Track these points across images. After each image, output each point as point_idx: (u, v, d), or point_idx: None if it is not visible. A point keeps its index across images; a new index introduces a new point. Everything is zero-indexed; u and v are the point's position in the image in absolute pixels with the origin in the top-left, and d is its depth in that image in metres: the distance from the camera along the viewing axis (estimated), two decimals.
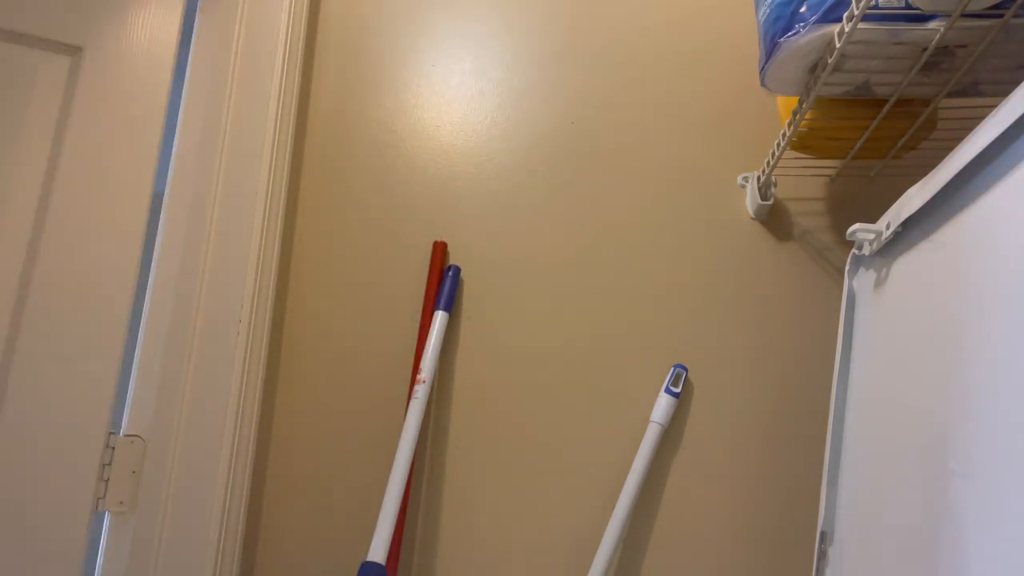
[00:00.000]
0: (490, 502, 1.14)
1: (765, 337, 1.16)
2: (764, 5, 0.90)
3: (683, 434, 1.14)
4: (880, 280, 0.89)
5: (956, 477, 0.63)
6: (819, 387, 1.04)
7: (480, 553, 1.13)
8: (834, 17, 0.82)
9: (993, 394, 0.59)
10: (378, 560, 1.02)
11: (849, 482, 0.90)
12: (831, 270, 1.17)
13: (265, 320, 1.19)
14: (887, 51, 0.84)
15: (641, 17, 1.31)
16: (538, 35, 1.32)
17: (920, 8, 0.79)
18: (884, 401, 0.84)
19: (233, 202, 1.21)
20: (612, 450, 1.13)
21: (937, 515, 0.65)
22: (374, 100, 1.31)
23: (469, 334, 1.20)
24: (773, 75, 0.93)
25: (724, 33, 1.27)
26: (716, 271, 1.19)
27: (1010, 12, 0.77)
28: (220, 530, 1.10)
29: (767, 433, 1.13)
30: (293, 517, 1.16)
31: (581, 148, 1.26)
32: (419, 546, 1.13)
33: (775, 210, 1.20)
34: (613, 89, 1.28)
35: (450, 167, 1.27)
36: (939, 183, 0.73)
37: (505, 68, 1.32)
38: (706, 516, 1.11)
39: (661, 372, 1.15)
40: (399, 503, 1.07)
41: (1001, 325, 0.60)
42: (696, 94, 1.26)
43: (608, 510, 1.08)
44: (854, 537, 0.87)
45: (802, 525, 1.05)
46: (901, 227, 0.82)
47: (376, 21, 1.36)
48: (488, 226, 1.24)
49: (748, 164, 1.20)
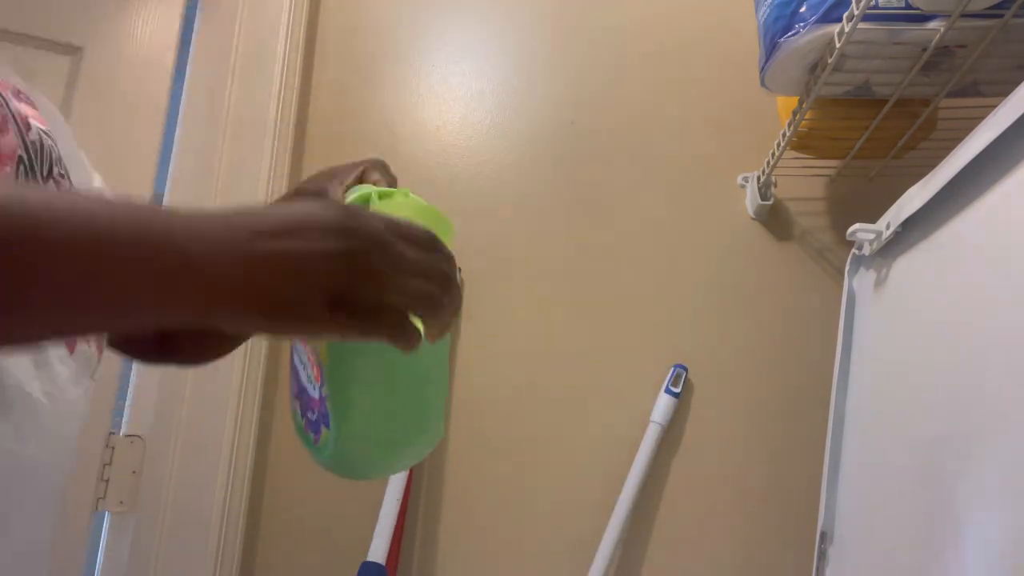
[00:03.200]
0: (490, 502, 1.14)
1: (765, 337, 1.16)
2: (764, 5, 0.90)
3: (683, 434, 1.14)
4: (880, 280, 0.89)
5: (956, 477, 0.63)
6: (819, 387, 1.04)
7: (480, 553, 1.13)
8: (834, 17, 0.82)
9: (993, 394, 0.59)
10: (378, 560, 1.02)
11: (849, 482, 0.90)
12: (831, 270, 1.17)
13: None
14: (887, 51, 0.84)
15: (641, 17, 1.31)
16: (538, 35, 1.32)
17: (920, 8, 0.79)
18: (884, 401, 0.84)
19: (233, 202, 1.21)
20: (612, 450, 1.13)
21: (937, 515, 0.65)
22: (374, 100, 1.31)
23: (469, 334, 1.20)
24: (773, 75, 0.93)
25: (724, 33, 1.27)
26: (716, 271, 1.19)
27: (1010, 12, 0.77)
28: (220, 530, 1.09)
29: (767, 433, 1.13)
30: (293, 517, 1.16)
31: (581, 148, 1.26)
32: (419, 546, 1.13)
33: (775, 210, 1.20)
34: (613, 89, 1.28)
35: (450, 167, 1.27)
36: (939, 183, 0.73)
37: (505, 68, 1.31)
38: (706, 516, 1.11)
39: (661, 372, 1.15)
40: (399, 503, 1.07)
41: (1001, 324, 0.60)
42: (696, 94, 1.26)
43: (608, 510, 1.07)
44: (854, 537, 0.87)
45: (802, 525, 1.05)
46: (901, 227, 0.82)
47: (376, 21, 1.35)
48: (488, 226, 1.24)
49: (748, 164, 1.20)
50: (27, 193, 0.30)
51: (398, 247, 0.37)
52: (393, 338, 0.37)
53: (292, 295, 0.34)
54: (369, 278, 0.36)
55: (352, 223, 0.36)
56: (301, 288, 0.34)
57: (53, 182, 0.43)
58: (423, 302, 0.38)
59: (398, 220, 0.39)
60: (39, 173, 0.41)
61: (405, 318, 0.38)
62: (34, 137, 0.41)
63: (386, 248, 0.37)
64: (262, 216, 0.35)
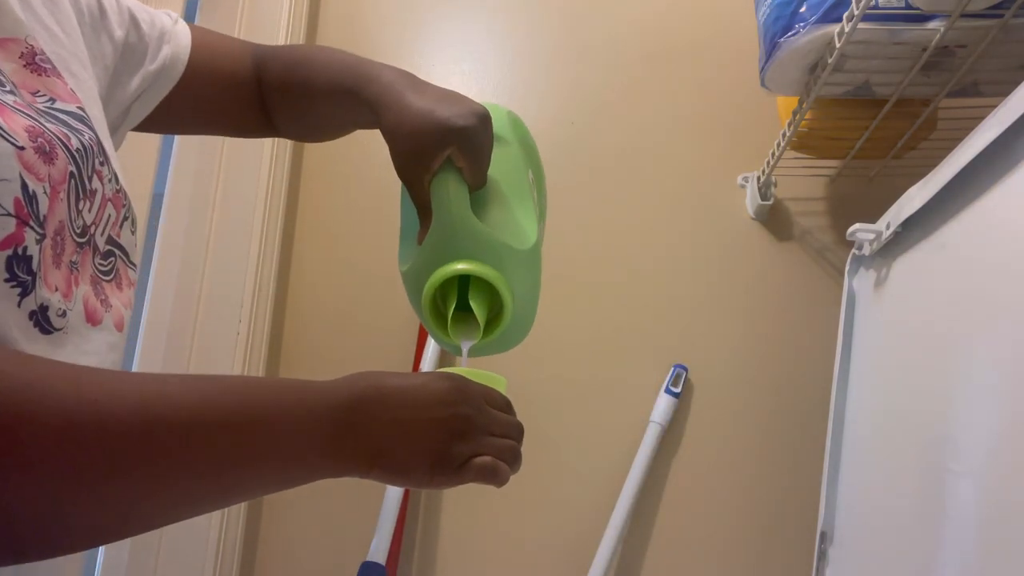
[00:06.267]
0: (489, 502, 1.14)
1: (765, 337, 1.16)
2: (764, 5, 0.90)
3: (683, 434, 1.14)
4: (880, 280, 0.89)
5: (956, 477, 0.63)
6: (819, 387, 1.04)
7: (480, 553, 1.13)
8: (834, 17, 0.82)
9: (993, 394, 0.59)
10: (378, 560, 1.02)
11: (849, 482, 0.91)
12: (831, 270, 1.17)
13: (265, 320, 1.19)
14: (887, 51, 0.84)
15: (641, 17, 1.30)
16: (537, 35, 1.32)
17: (920, 8, 0.79)
18: (884, 401, 0.84)
19: (233, 202, 1.21)
20: (612, 450, 1.13)
21: (937, 515, 0.65)
22: None
23: None
24: (773, 75, 0.93)
25: (724, 33, 1.27)
26: (716, 271, 1.19)
27: (1010, 12, 0.77)
28: (220, 530, 1.09)
29: (767, 433, 1.13)
30: (293, 517, 1.16)
31: (581, 148, 1.26)
32: (419, 546, 1.13)
33: (775, 210, 1.20)
34: (613, 89, 1.28)
35: None
36: (939, 183, 0.73)
37: (505, 68, 1.31)
38: (706, 516, 1.11)
39: (661, 372, 1.15)
40: (399, 503, 1.07)
41: (1001, 325, 0.60)
42: (696, 94, 1.26)
43: (608, 510, 1.07)
44: (854, 537, 0.87)
45: (802, 525, 1.05)
46: (901, 227, 0.82)
47: (376, 21, 1.35)
48: None
49: (748, 164, 1.20)
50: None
51: (491, 413, 0.47)
52: (487, 482, 0.45)
53: (404, 455, 0.42)
54: (467, 438, 0.45)
55: (458, 396, 0.45)
56: (408, 448, 0.42)
57: (97, 177, 0.45)
58: (509, 453, 0.47)
59: (487, 389, 0.49)
60: (83, 177, 0.43)
61: (499, 465, 0.46)
62: (76, 144, 0.42)
63: (482, 412, 0.46)
64: (383, 384, 0.43)
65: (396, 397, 0.43)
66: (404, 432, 0.42)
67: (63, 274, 0.41)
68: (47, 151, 0.39)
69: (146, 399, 0.33)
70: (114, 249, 0.47)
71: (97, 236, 0.45)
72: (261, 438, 0.36)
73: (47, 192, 0.39)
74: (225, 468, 0.35)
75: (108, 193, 0.46)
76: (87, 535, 0.32)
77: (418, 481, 0.43)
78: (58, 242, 0.40)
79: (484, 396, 0.48)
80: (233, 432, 0.35)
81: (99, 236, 0.45)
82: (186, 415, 0.33)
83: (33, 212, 0.37)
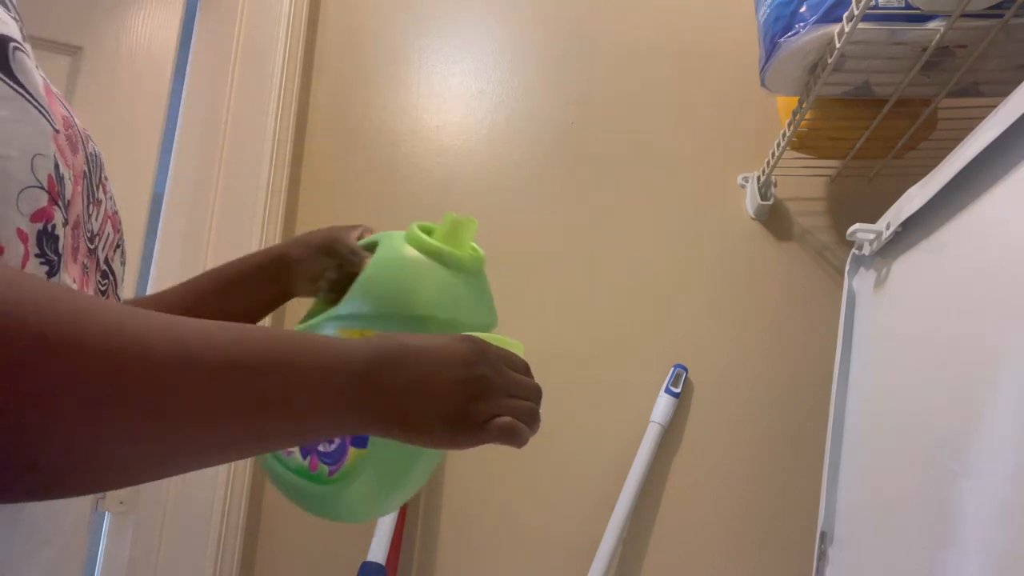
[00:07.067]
0: (490, 502, 1.14)
1: (765, 337, 1.16)
2: (764, 5, 0.90)
3: (683, 434, 1.14)
4: (880, 280, 0.89)
5: (956, 477, 0.63)
6: (819, 387, 1.04)
7: (480, 553, 1.13)
8: (834, 17, 0.82)
9: (993, 394, 0.59)
10: (378, 560, 1.02)
11: (849, 482, 0.90)
12: (831, 270, 1.17)
13: (265, 321, 1.19)
14: (887, 51, 0.84)
15: (641, 17, 1.30)
16: (538, 35, 1.32)
17: (920, 8, 0.79)
18: (884, 401, 0.84)
19: (233, 202, 1.21)
20: (612, 450, 1.13)
21: (937, 515, 0.65)
22: (374, 100, 1.31)
23: None
24: (773, 75, 0.93)
25: (724, 33, 1.27)
26: (716, 271, 1.19)
27: (1010, 12, 0.77)
28: (220, 530, 1.09)
29: (767, 433, 1.13)
30: (293, 517, 1.16)
31: (581, 148, 1.26)
32: (419, 546, 1.13)
33: (775, 210, 1.20)
34: (613, 89, 1.28)
35: (450, 167, 1.27)
36: (939, 183, 0.73)
37: (505, 68, 1.31)
38: (706, 516, 1.11)
39: (661, 372, 1.15)
40: None
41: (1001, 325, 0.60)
42: (696, 94, 1.26)
43: (608, 510, 1.07)
44: (854, 537, 0.87)
45: (802, 525, 1.05)
46: (901, 227, 0.82)
47: (376, 21, 1.35)
48: (488, 226, 1.23)
49: (748, 164, 1.20)
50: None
51: (510, 374, 0.48)
52: (507, 442, 0.45)
53: (421, 413, 0.43)
54: (486, 398, 0.45)
55: (479, 357, 0.46)
56: (429, 407, 0.43)
57: (102, 189, 0.45)
58: (527, 414, 0.47)
59: (506, 351, 0.49)
60: (93, 183, 0.43)
61: (518, 425, 0.46)
62: (91, 149, 0.43)
63: (501, 374, 0.47)
64: (405, 343, 0.44)
65: (417, 357, 0.43)
66: (425, 391, 0.43)
67: (78, 271, 0.41)
68: (73, 143, 0.40)
69: (186, 335, 0.33)
70: (109, 273, 0.47)
71: (99, 250, 0.45)
72: (286, 386, 0.37)
73: (71, 179, 0.39)
74: (255, 412, 0.36)
75: (109, 210, 0.47)
76: (124, 466, 0.32)
77: (438, 440, 0.43)
78: (76, 235, 0.40)
79: (503, 358, 0.48)
80: (260, 376, 0.36)
81: (100, 251, 0.45)
82: (222, 355, 0.34)
83: (61, 193, 0.38)
